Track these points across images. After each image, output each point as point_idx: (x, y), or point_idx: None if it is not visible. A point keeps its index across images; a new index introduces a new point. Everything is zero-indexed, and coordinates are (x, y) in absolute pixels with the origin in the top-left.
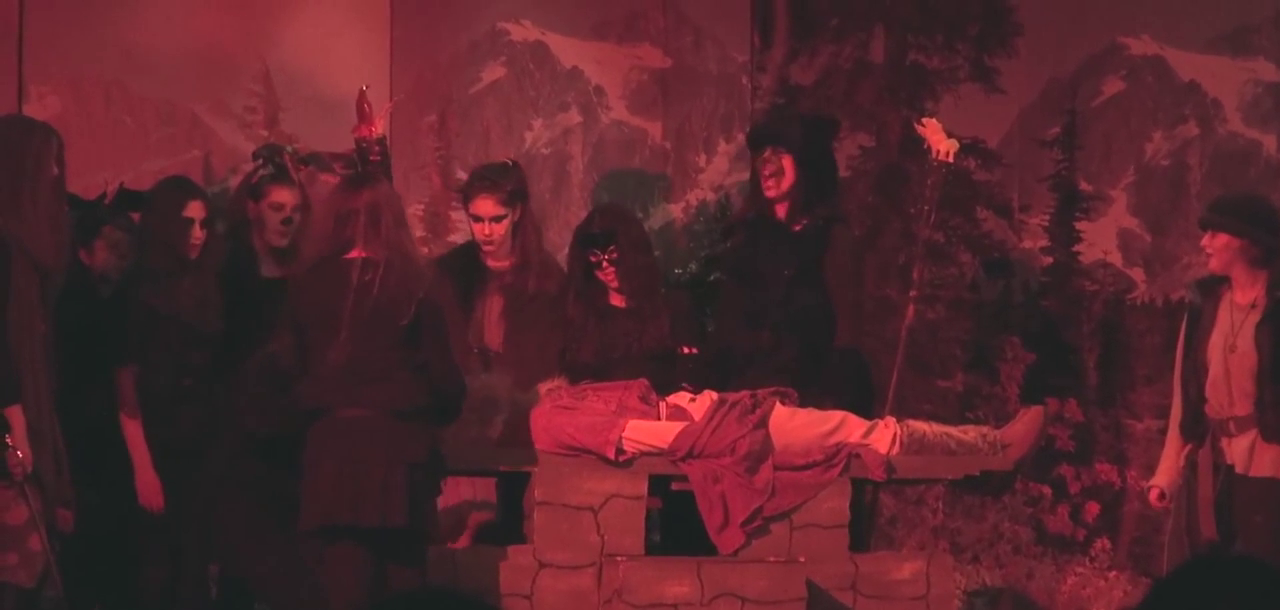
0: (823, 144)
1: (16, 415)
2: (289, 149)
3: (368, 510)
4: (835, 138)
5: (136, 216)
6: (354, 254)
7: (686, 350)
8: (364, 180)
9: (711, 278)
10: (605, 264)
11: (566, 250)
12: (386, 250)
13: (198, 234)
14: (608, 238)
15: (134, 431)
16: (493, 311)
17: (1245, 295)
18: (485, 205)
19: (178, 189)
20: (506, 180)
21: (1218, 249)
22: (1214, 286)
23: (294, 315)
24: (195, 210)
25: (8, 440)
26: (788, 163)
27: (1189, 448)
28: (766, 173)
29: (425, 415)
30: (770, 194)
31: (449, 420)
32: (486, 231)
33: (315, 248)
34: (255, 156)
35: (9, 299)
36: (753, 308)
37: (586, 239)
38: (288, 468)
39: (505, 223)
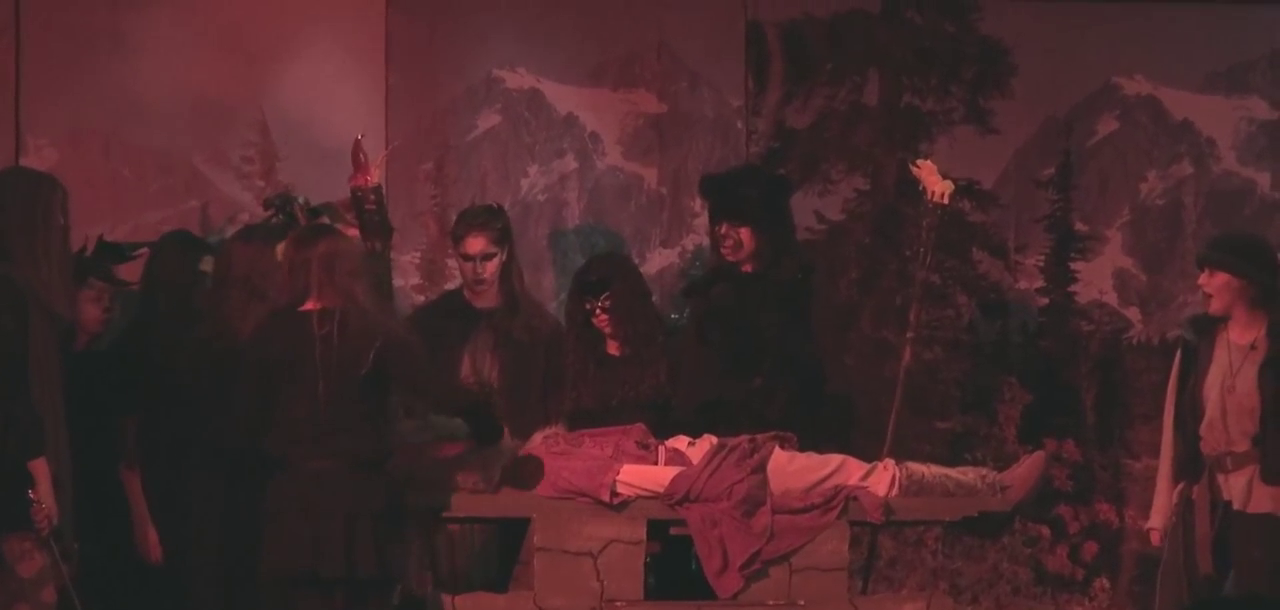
0: (778, 206)
1: (41, 468)
2: (301, 199)
3: (331, 561)
4: (789, 196)
5: (117, 268)
6: (310, 305)
7: None
8: (319, 232)
9: (681, 321)
10: (600, 312)
11: (562, 296)
12: (342, 300)
13: (209, 292)
14: (603, 285)
15: (134, 483)
16: (484, 348)
17: (1244, 335)
18: (476, 243)
19: (191, 245)
20: (496, 219)
21: (1217, 288)
22: (1209, 325)
23: (254, 367)
24: (207, 264)
25: (31, 494)
26: (744, 235)
27: (1182, 485)
28: (726, 244)
29: (382, 464)
30: (729, 259)
31: (492, 438)
32: (476, 270)
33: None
34: (267, 205)
35: (29, 351)
36: (743, 355)
37: (583, 286)
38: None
39: (495, 261)
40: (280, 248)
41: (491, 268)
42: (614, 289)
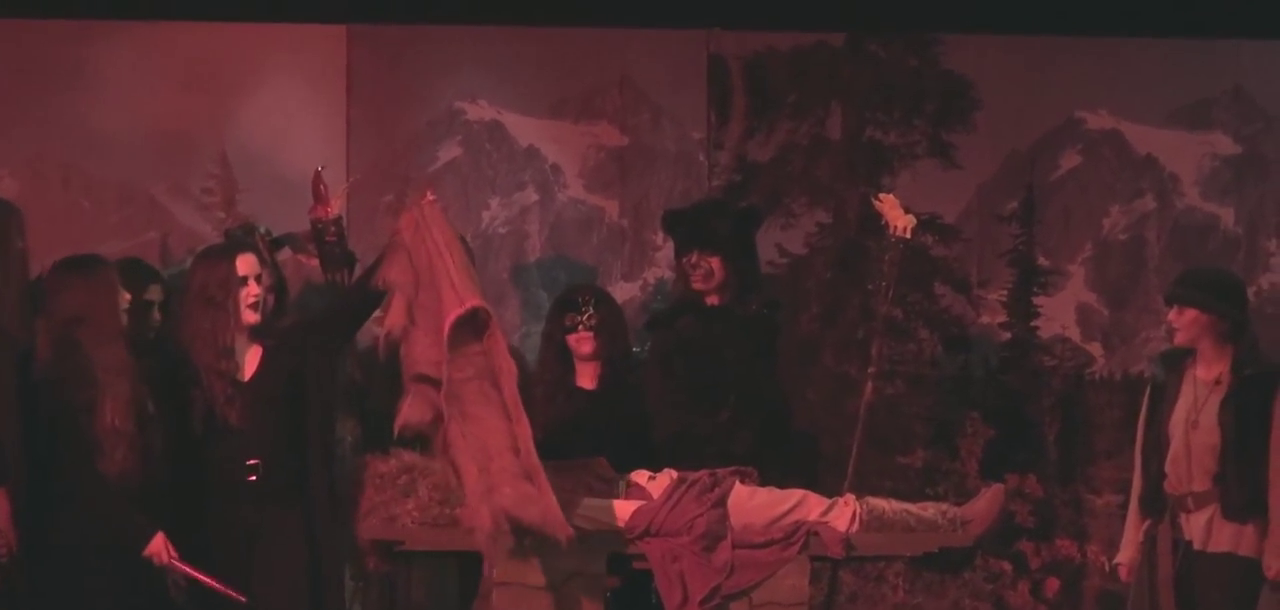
0: (747, 236)
1: (2, 498)
2: (262, 229)
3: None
4: (757, 227)
5: None
6: None
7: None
8: (237, 246)
9: (642, 354)
10: (583, 328)
11: (524, 328)
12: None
13: (156, 317)
14: (590, 302)
15: None
16: None
17: (1210, 371)
18: None
19: (138, 271)
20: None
21: (1186, 324)
22: (1178, 360)
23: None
24: (154, 293)
25: None
26: (715, 264)
27: (1149, 523)
28: (696, 274)
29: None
30: (699, 288)
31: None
32: None
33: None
34: (228, 235)
35: None
36: (709, 389)
37: (568, 303)
38: None
39: None
40: (239, 260)
41: None
42: (600, 307)
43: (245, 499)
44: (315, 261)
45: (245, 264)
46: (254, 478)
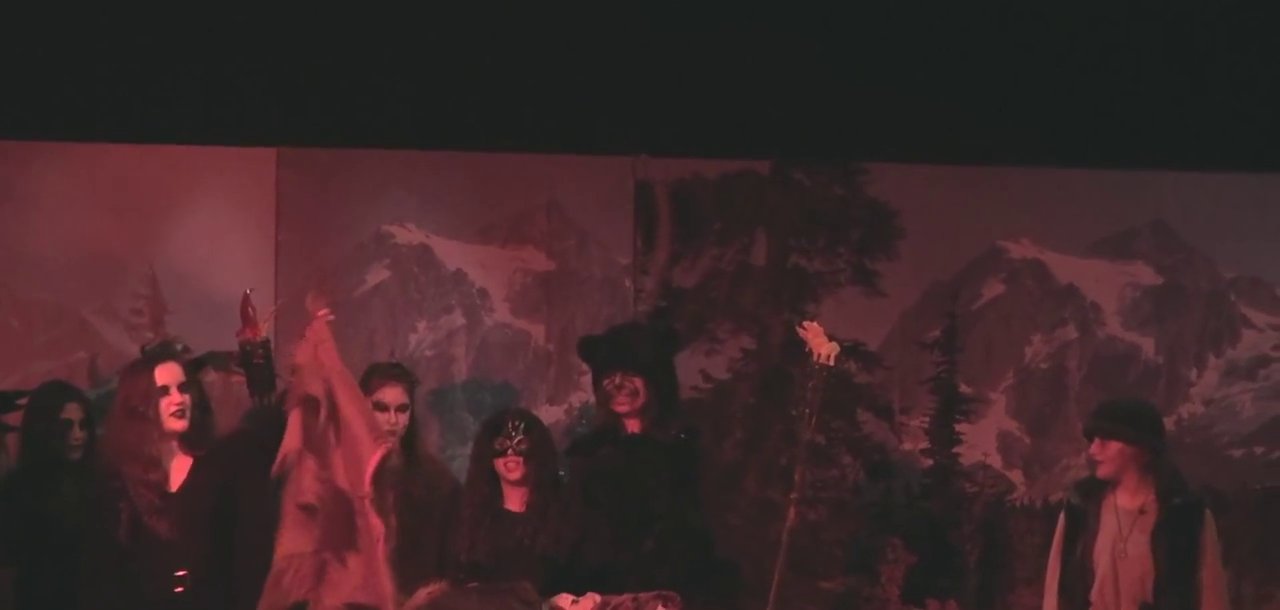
0: (667, 358)
1: None
2: (179, 346)
3: None
4: (677, 350)
5: (7, 417)
6: None
7: None
8: (156, 357)
9: (566, 479)
10: (513, 453)
11: (445, 453)
12: None
13: (77, 435)
14: (520, 428)
15: None
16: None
17: (1133, 500)
18: (393, 393)
19: (55, 391)
20: (408, 373)
21: (1110, 457)
22: (1096, 489)
23: None
24: (73, 411)
25: None
26: (639, 384)
27: None
28: (620, 395)
29: None
30: (622, 411)
31: (266, 388)
32: (393, 420)
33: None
34: (145, 351)
35: None
36: (633, 519)
37: (497, 426)
38: None
39: (407, 414)
40: (159, 370)
41: (405, 418)
42: (530, 432)
43: None
44: (242, 380)
45: (165, 374)
46: (181, 589)
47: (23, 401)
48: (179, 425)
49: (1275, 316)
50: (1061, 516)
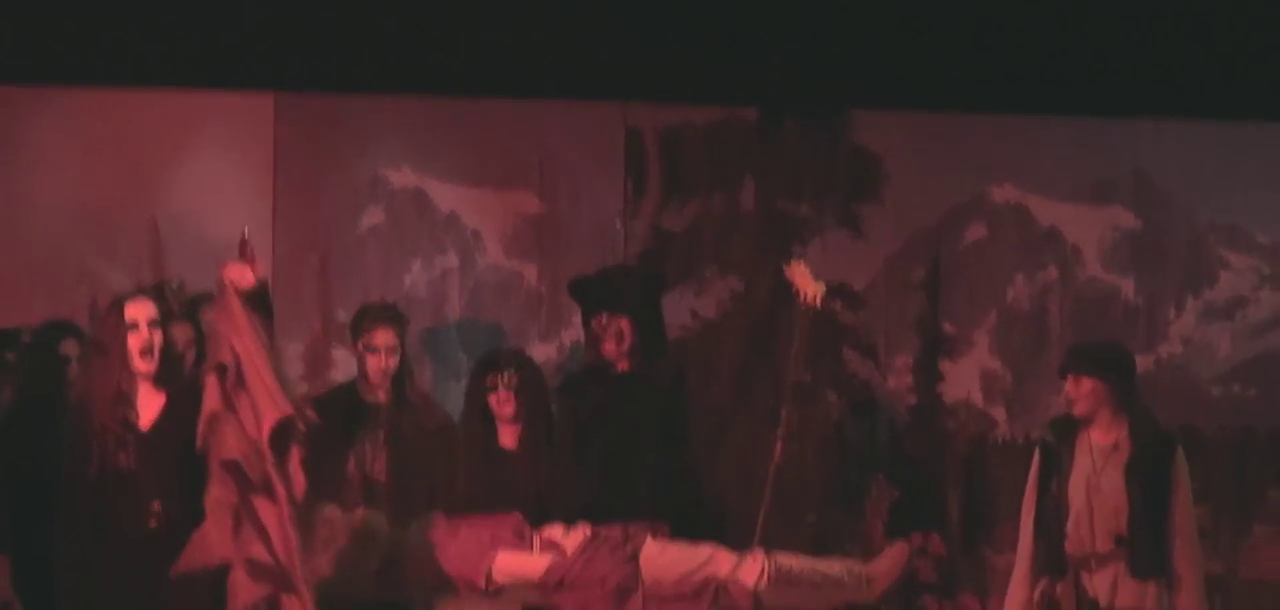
0: (654, 301)
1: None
2: (173, 285)
3: None
4: (664, 293)
5: (8, 355)
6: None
7: None
8: (131, 294)
9: (557, 416)
10: (505, 391)
11: (438, 391)
12: None
13: (74, 371)
14: (511, 366)
15: (2, 566)
16: (376, 442)
17: (1106, 436)
18: (384, 337)
19: (52, 329)
20: (399, 316)
21: (1084, 394)
22: (1070, 427)
23: None
24: (70, 348)
25: None
26: (625, 325)
27: (1043, 582)
28: (606, 336)
29: None
30: (609, 353)
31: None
32: (383, 363)
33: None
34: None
35: None
36: (622, 459)
37: (489, 365)
38: None
39: (398, 356)
40: (129, 306)
41: (396, 361)
42: (521, 370)
43: (147, 551)
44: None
45: (135, 310)
46: (155, 523)
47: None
48: (145, 364)
49: (1253, 258)
50: (1037, 453)
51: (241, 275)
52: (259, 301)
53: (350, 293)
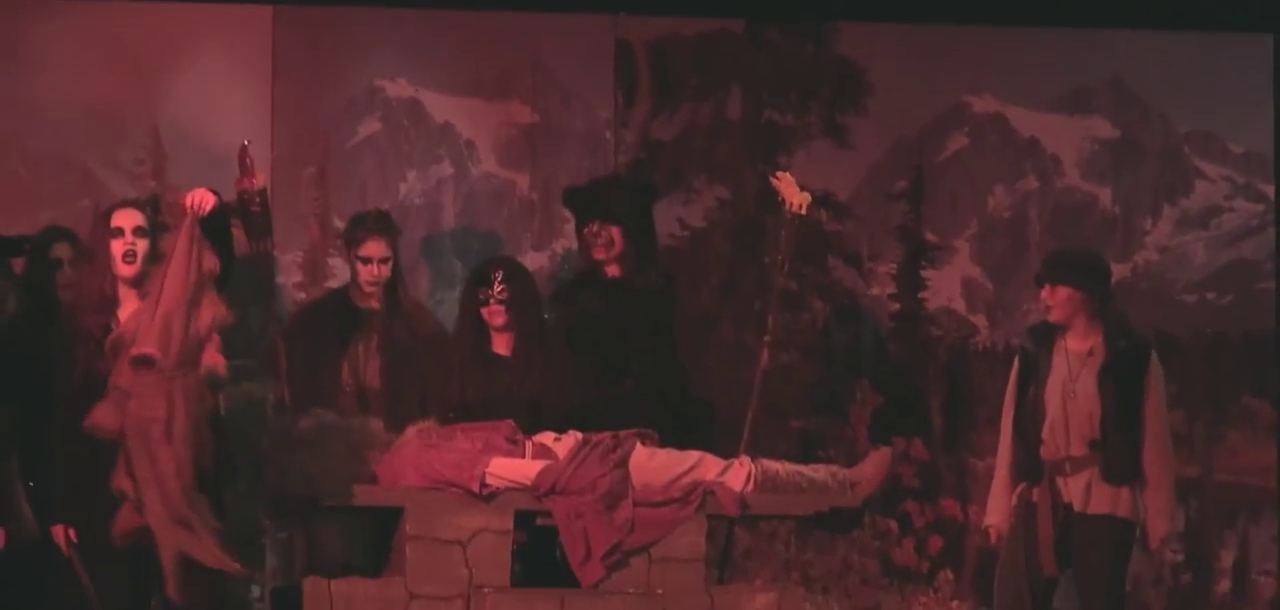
0: (645, 209)
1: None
2: (165, 199)
3: None
4: (655, 201)
5: (13, 260)
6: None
7: None
8: (121, 203)
9: (550, 322)
10: (495, 301)
11: (437, 295)
12: None
13: (67, 275)
14: (502, 276)
15: (8, 465)
16: (369, 348)
17: (1081, 343)
18: (376, 247)
19: (48, 233)
20: (391, 225)
21: (1060, 302)
22: (1048, 334)
23: None
24: (62, 251)
25: None
26: (615, 233)
27: (1022, 487)
28: (596, 243)
29: None
30: (600, 258)
31: None
32: (375, 273)
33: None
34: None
35: None
36: (612, 362)
37: (481, 276)
38: None
39: (390, 265)
40: (116, 213)
41: (387, 270)
42: (510, 280)
43: None
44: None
45: (122, 217)
46: None
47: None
48: (127, 269)
49: (1227, 169)
50: (1016, 360)
51: (201, 201)
52: (219, 226)
53: (347, 201)
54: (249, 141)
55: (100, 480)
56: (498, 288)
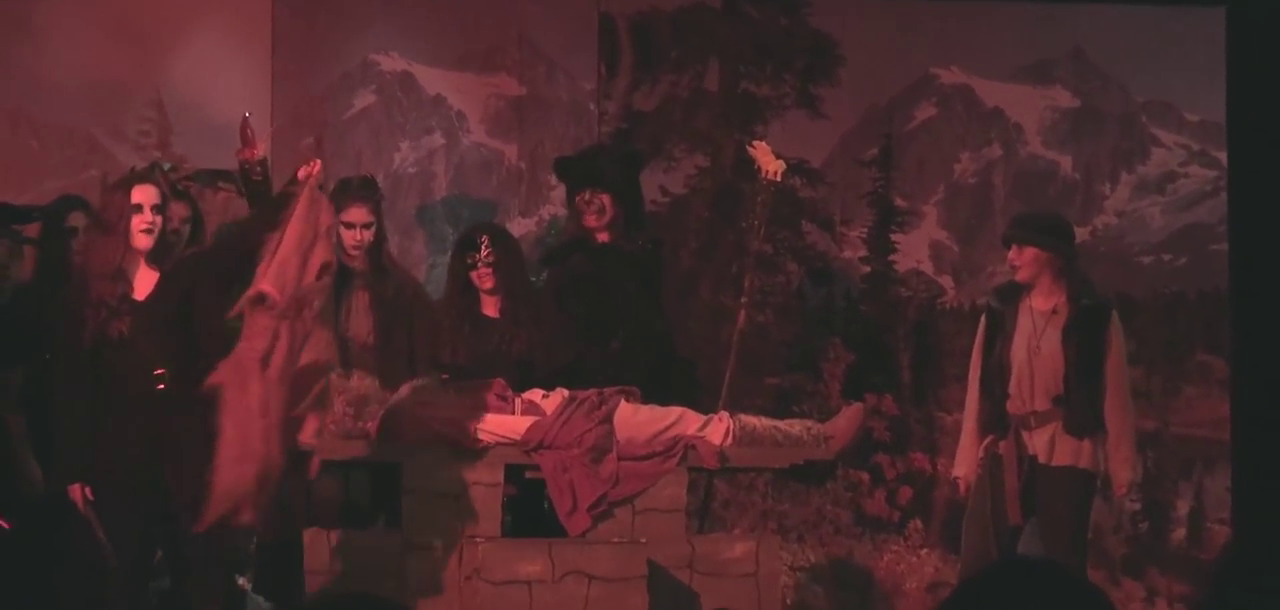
0: (633, 176)
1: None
2: (167, 165)
3: None
4: (641, 168)
5: (26, 229)
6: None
7: None
8: (136, 177)
9: (538, 285)
10: (482, 265)
11: (432, 260)
12: None
13: (82, 241)
14: (488, 235)
15: (18, 427)
16: (359, 305)
17: (1046, 302)
18: (358, 213)
19: (62, 203)
20: (374, 191)
21: (1026, 262)
22: (1013, 293)
23: None
24: (77, 221)
25: None
26: (606, 200)
27: (989, 439)
28: (588, 210)
29: None
30: (592, 224)
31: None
32: (358, 238)
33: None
34: (133, 171)
35: None
36: (600, 321)
37: (467, 241)
38: None
39: (373, 229)
40: (135, 189)
41: (371, 235)
42: (496, 245)
43: (153, 409)
44: (226, 195)
45: (141, 193)
46: (162, 387)
47: (38, 216)
48: (146, 242)
49: (1182, 137)
50: (982, 318)
51: (313, 168)
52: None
53: (343, 170)
54: (250, 113)
55: (121, 429)
56: (484, 252)
